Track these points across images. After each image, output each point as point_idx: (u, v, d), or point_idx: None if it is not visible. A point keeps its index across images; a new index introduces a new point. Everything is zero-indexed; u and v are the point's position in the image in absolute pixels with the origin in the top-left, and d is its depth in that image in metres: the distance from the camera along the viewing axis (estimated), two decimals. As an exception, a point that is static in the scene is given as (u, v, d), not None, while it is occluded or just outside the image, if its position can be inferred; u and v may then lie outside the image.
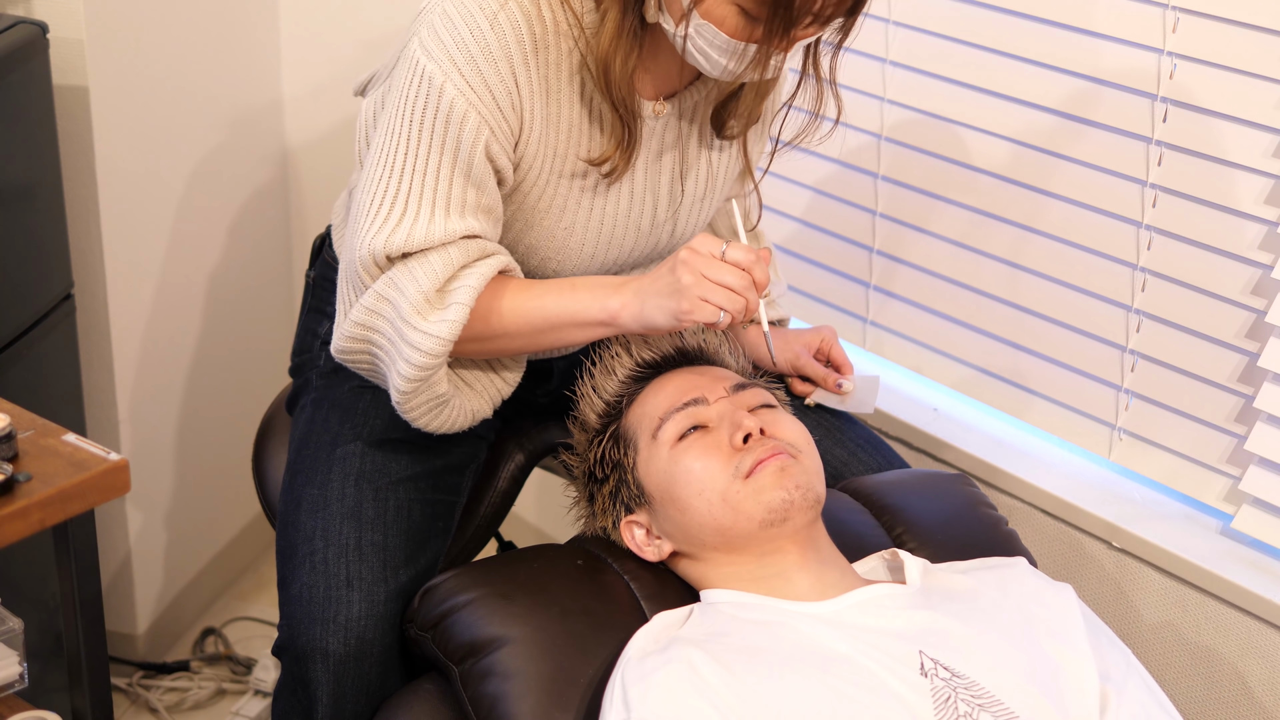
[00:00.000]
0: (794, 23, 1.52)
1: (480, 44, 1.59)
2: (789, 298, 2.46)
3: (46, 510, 1.51)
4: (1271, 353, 1.91)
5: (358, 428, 1.82)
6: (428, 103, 1.60)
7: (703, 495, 1.59)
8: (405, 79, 1.61)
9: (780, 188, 2.43)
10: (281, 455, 1.96)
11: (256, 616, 2.79)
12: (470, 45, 1.59)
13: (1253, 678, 1.99)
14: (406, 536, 1.76)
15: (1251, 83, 1.88)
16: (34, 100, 2.16)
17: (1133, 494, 2.14)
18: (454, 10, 1.59)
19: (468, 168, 1.62)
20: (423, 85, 1.60)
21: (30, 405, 1.66)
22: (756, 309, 1.60)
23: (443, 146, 1.61)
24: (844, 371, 1.97)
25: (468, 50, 1.59)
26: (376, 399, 1.84)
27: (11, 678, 1.67)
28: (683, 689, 1.45)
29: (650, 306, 1.61)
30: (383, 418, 1.82)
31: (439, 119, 1.60)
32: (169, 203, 2.53)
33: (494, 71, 1.60)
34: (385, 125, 1.64)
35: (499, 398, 1.78)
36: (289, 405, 1.97)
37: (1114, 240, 2.06)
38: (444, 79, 1.59)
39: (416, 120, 1.61)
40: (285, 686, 1.75)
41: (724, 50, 1.57)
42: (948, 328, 2.29)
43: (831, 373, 1.96)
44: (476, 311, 1.63)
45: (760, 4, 1.51)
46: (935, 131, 2.21)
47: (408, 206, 1.62)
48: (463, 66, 1.59)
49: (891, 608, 1.56)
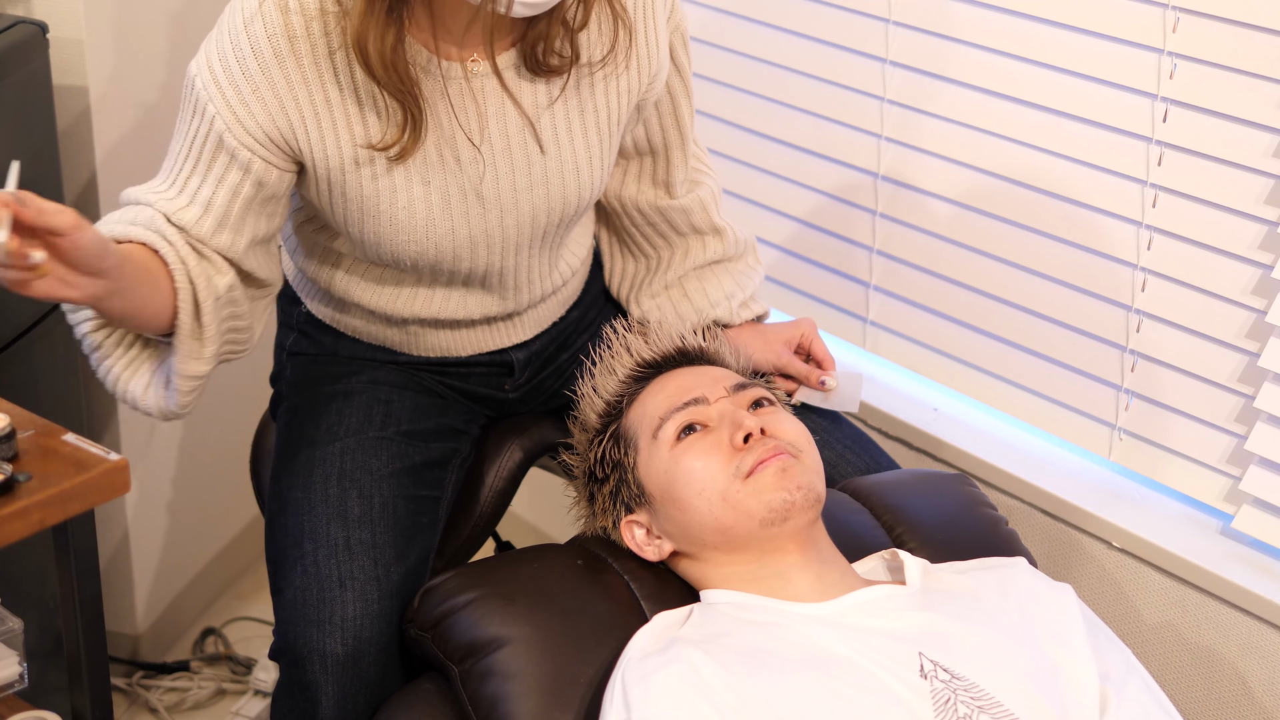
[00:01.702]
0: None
1: (233, 42, 1.63)
2: (788, 296, 2.46)
3: (46, 510, 1.51)
4: (1272, 352, 1.91)
5: (333, 429, 1.83)
6: (186, 96, 1.67)
7: (703, 495, 1.59)
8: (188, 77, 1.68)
9: (780, 188, 2.43)
10: (281, 456, 1.97)
11: (256, 616, 2.79)
12: (224, 43, 1.63)
13: (1253, 678, 1.99)
14: (394, 533, 1.76)
15: (1251, 83, 1.88)
16: (34, 100, 2.16)
17: (1133, 494, 2.14)
18: (226, 14, 1.65)
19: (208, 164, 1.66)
20: (187, 78, 1.67)
21: (30, 405, 1.66)
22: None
23: (192, 135, 1.67)
24: (826, 367, 1.96)
25: (222, 47, 1.63)
26: (348, 401, 1.86)
27: (11, 678, 1.67)
28: (683, 689, 1.45)
29: None
30: (356, 418, 1.83)
31: (193, 114, 1.66)
32: (169, 203, 2.53)
33: (240, 69, 1.62)
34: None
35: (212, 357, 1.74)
36: (273, 410, 1.99)
37: (1114, 240, 2.06)
38: (196, 73, 1.65)
39: (182, 111, 1.68)
40: (284, 690, 1.75)
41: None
42: (948, 328, 2.29)
43: (815, 370, 1.95)
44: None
45: None
46: (935, 132, 2.21)
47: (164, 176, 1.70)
48: (214, 63, 1.64)
49: (891, 609, 1.56)
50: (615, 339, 1.76)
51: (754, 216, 2.46)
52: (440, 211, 1.73)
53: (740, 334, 1.98)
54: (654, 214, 1.96)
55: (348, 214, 1.73)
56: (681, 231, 1.98)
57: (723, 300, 1.98)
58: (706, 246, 1.99)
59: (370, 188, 1.70)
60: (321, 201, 1.73)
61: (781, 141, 2.40)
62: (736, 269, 2.01)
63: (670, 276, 1.99)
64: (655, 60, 1.78)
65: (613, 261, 2.03)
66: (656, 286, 2.00)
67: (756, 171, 2.45)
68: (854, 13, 2.25)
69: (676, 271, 1.99)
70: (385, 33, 1.59)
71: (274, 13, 1.61)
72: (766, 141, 2.42)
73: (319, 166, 1.68)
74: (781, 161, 2.42)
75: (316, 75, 1.64)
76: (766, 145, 2.42)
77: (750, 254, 2.04)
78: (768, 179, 2.44)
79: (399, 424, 1.85)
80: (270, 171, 1.68)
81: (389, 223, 1.72)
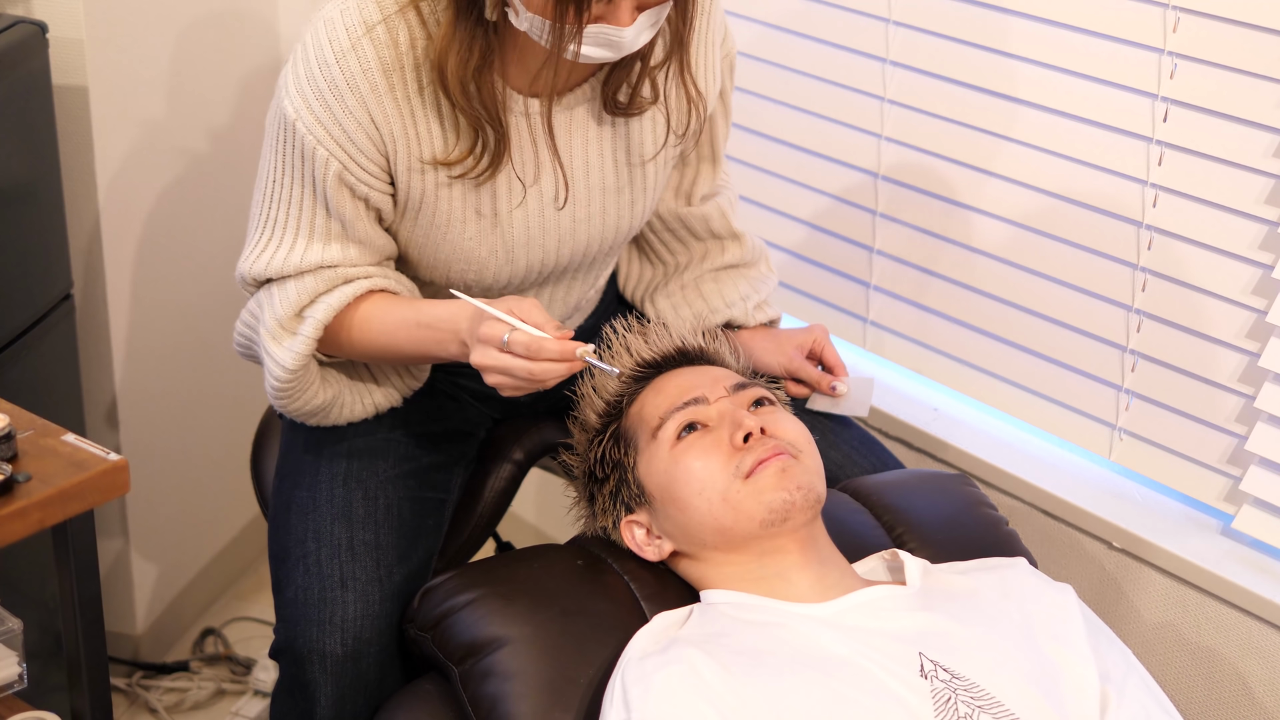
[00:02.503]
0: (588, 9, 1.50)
1: (328, 80, 1.62)
2: (788, 297, 2.46)
3: (46, 510, 1.51)
4: (1272, 352, 1.91)
5: (341, 429, 1.82)
6: (287, 138, 1.66)
7: (703, 495, 1.59)
8: (273, 112, 1.67)
9: (780, 188, 2.43)
10: (280, 456, 1.97)
11: (256, 616, 2.79)
12: (319, 81, 1.62)
13: (1253, 678, 1.99)
14: (398, 535, 1.76)
15: (1251, 83, 1.88)
16: (34, 100, 2.16)
17: (1133, 494, 2.14)
18: (310, 43, 1.63)
19: (325, 200, 1.67)
20: (282, 121, 1.65)
21: (30, 405, 1.66)
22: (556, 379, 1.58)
23: (301, 179, 1.67)
24: (837, 373, 1.96)
25: (317, 86, 1.63)
26: None
27: (11, 678, 1.67)
28: (683, 690, 1.45)
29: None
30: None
31: (296, 153, 1.66)
32: (169, 203, 2.52)
33: (341, 105, 1.62)
34: (264, 153, 1.70)
35: (408, 391, 1.84)
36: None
37: (1114, 240, 2.06)
38: (295, 116, 1.64)
39: (280, 153, 1.67)
40: (284, 689, 1.75)
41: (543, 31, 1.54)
42: (948, 328, 2.29)
43: (826, 376, 1.96)
44: (327, 338, 1.71)
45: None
46: (935, 132, 2.21)
47: (273, 234, 1.70)
48: (311, 102, 1.63)
49: (891, 609, 1.56)
50: (615, 339, 1.76)
51: (754, 216, 2.46)
52: (506, 243, 1.74)
53: (753, 338, 1.99)
54: (674, 220, 1.97)
55: (413, 236, 1.74)
56: (700, 237, 1.99)
57: (738, 302, 1.99)
58: (725, 251, 1.99)
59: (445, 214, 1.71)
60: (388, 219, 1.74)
61: (782, 141, 2.40)
62: (751, 274, 2.02)
63: (686, 278, 2.00)
64: (710, 98, 1.82)
65: (629, 266, 2.04)
66: (672, 287, 2.00)
67: (757, 171, 2.44)
68: (854, 13, 2.24)
69: (693, 274, 2.00)
70: (469, 54, 1.60)
71: (367, 45, 1.61)
72: (766, 141, 2.42)
73: (400, 189, 1.70)
74: (781, 161, 2.41)
75: (409, 106, 1.64)
76: (766, 145, 2.42)
77: (764, 261, 2.05)
78: (768, 179, 2.44)
79: (407, 425, 1.85)
80: (386, 200, 1.70)
81: (452, 249, 1.74)
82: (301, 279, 1.70)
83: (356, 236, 1.70)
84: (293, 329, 1.72)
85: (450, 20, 1.59)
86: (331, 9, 1.63)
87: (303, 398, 1.76)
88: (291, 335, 1.72)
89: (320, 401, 1.77)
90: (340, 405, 1.80)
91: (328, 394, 1.77)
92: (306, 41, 1.64)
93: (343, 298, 1.70)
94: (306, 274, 1.70)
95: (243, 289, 1.77)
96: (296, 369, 1.72)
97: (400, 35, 1.62)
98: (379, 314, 1.71)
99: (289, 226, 1.70)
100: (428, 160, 1.67)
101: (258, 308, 1.75)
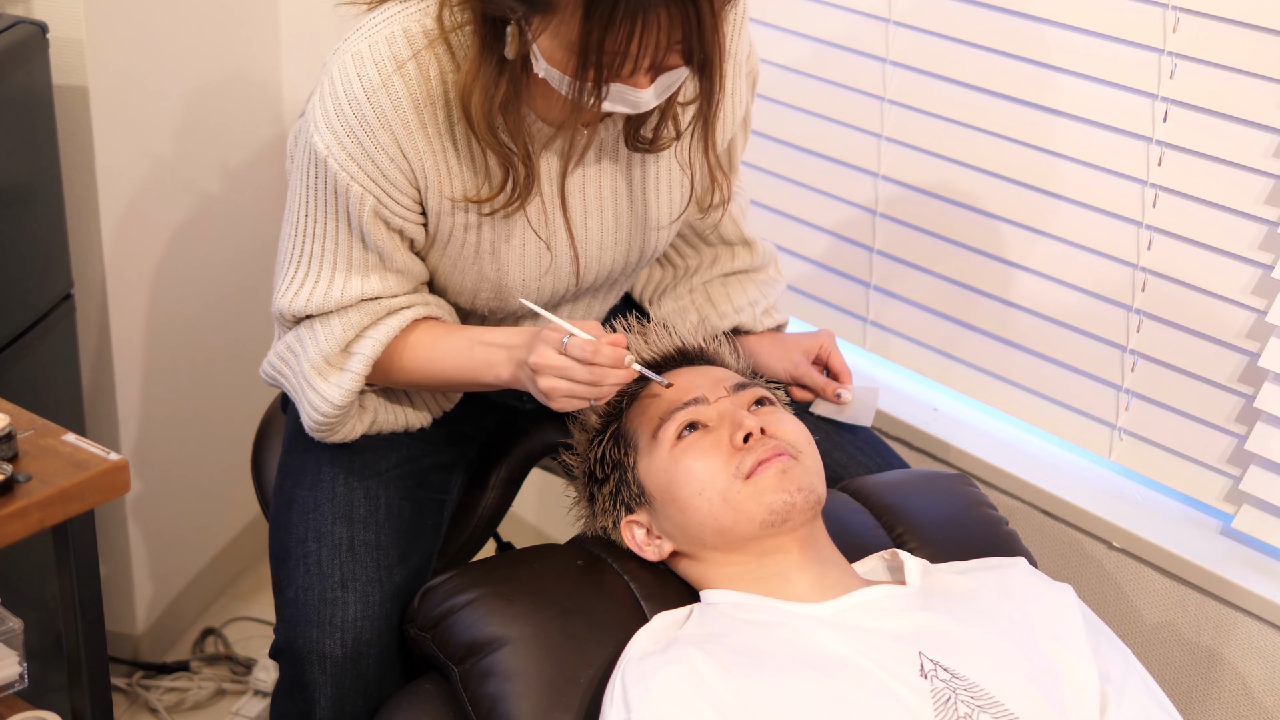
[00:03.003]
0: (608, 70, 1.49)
1: (359, 117, 1.60)
2: (788, 297, 2.46)
3: (46, 510, 1.51)
4: (1272, 352, 1.91)
5: None
6: (318, 174, 1.64)
7: (703, 495, 1.59)
8: (303, 147, 1.65)
9: (781, 188, 2.43)
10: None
11: (256, 616, 2.79)
12: (349, 118, 1.61)
13: (1253, 678, 1.99)
14: (399, 535, 1.76)
15: (1251, 83, 1.88)
16: (34, 100, 2.16)
17: (1133, 494, 2.14)
18: (338, 78, 1.61)
19: (361, 235, 1.66)
20: (313, 157, 1.64)
21: (30, 405, 1.66)
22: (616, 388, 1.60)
23: (336, 215, 1.66)
24: (843, 380, 1.96)
25: (348, 123, 1.61)
26: None
27: (11, 678, 1.67)
28: (683, 689, 1.45)
29: (532, 390, 1.63)
30: None
31: (328, 189, 1.64)
32: (169, 203, 2.53)
33: (373, 142, 1.61)
34: (292, 185, 1.69)
35: (439, 411, 1.84)
36: (285, 405, 1.98)
37: (1114, 240, 2.06)
38: (327, 153, 1.62)
39: (312, 188, 1.66)
40: (283, 689, 1.75)
41: (563, 86, 1.54)
42: (948, 328, 2.29)
43: (831, 382, 1.95)
44: (377, 370, 1.71)
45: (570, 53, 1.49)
46: (935, 131, 2.21)
47: (310, 269, 1.69)
48: (343, 139, 1.61)
49: (891, 609, 1.56)
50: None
51: (754, 216, 2.46)
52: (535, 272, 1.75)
53: (760, 342, 1.99)
54: (684, 226, 1.97)
55: (440, 264, 1.74)
56: (710, 242, 1.99)
57: (746, 306, 1.99)
58: (735, 256, 1.99)
59: (472, 245, 1.71)
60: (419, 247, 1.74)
61: (781, 141, 2.40)
62: (760, 279, 2.02)
63: (695, 281, 2.00)
64: (733, 122, 1.83)
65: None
66: (680, 290, 2.00)
67: (757, 171, 2.44)
68: (854, 13, 2.24)
69: (702, 278, 2.00)
70: (493, 90, 1.58)
71: (398, 82, 1.60)
72: (766, 141, 2.42)
73: (430, 221, 1.70)
74: (781, 161, 2.41)
75: (440, 142, 1.63)
76: (766, 145, 2.42)
77: (773, 265, 2.05)
78: (768, 179, 2.44)
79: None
80: (419, 231, 1.69)
81: (479, 278, 1.74)
82: (345, 314, 1.69)
83: (395, 266, 1.69)
84: (340, 365, 1.70)
85: (475, 56, 1.58)
86: (359, 43, 1.61)
87: (344, 428, 1.76)
88: (339, 371, 1.70)
89: (362, 429, 1.77)
90: (374, 425, 1.79)
91: (365, 419, 1.77)
92: (334, 75, 1.61)
93: (390, 331, 1.69)
94: (350, 308, 1.69)
95: (279, 324, 1.74)
96: (345, 405, 1.71)
97: (431, 70, 1.61)
98: (429, 341, 1.70)
99: (325, 261, 1.68)
100: (458, 197, 1.66)
101: (296, 343, 1.72)
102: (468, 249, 1.71)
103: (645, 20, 1.45)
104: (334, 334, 1.69)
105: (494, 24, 1.55)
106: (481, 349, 1.68)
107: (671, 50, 1.49)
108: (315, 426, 1.74)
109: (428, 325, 1.72)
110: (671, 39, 1.48)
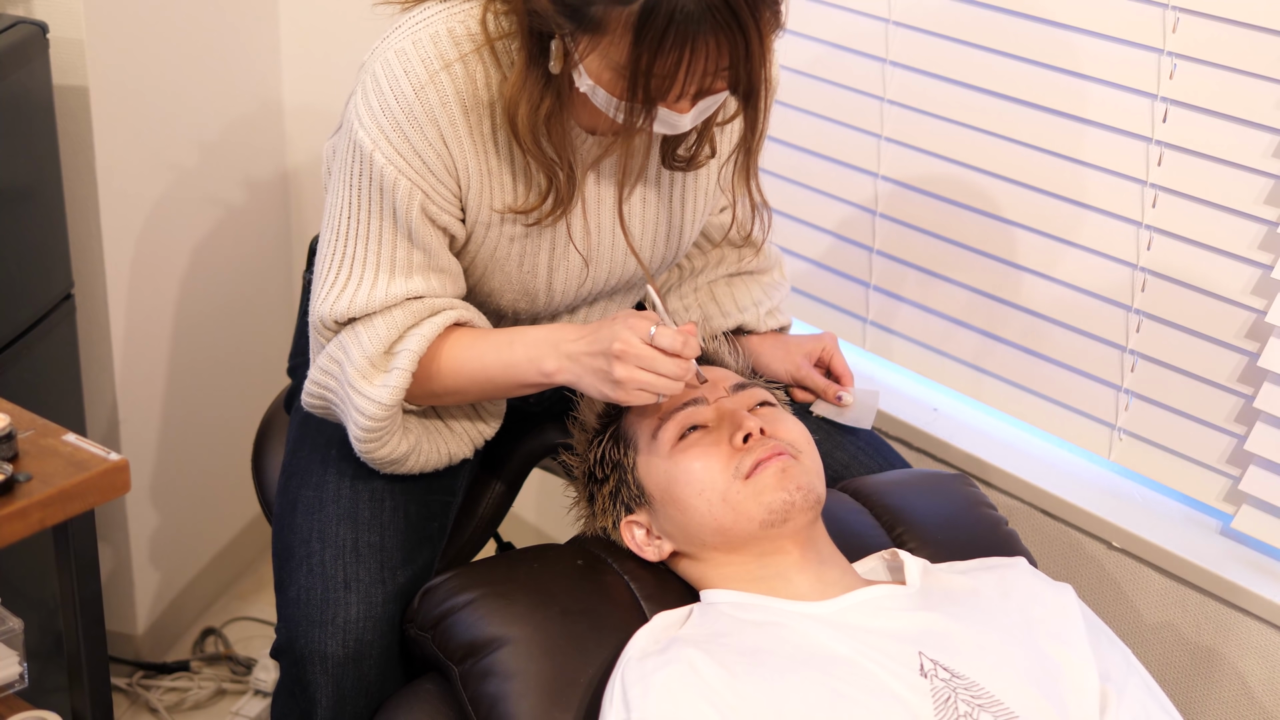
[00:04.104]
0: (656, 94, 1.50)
1: (406, 111, 1.60)
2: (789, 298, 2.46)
3: (46, 510, 1.51)
4: (1271, 352, 1.91)
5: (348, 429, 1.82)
6: (363, 170, 1.63)
7: (703, 495, 1.59)
8: (345, 145, 1.65)
9: (781, 188, 2.43)
10: (281, 455, 1.96)
11: (256, 616, 2.79)
12: (396, 113, 1.60)
13: (1253, 678, 1.99)
14: (403, 537, 1.76)
15: (1251, 83, 1.88)
16: (34, 100, 2.16)
17: (1133, 494, 2.14)
18: (382, 74, 1.61)
19: (408, 231, 1.65)
20: (357, 153, 1.63)
21: (30, 405, 1.66)
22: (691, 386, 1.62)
23: (381, 212, 1.64)
24: (844, 383, 1.96)
25: (394, 117, 1.60)
26: None
27: (11, 678, 1.67)
28: (683, 689, 1.45)
29: (586, 382, 1.62)
30: None
31: (374, 186, 1.63)
32: (169, 203, 2.53)
33: (421, 137, 1.61)
34: (332, 188, 1.68)
35: (480, 440, 1.82)
36: (287, 405, 1.98)
37: (1114, 240, 2.06)
38: (373, 148, 1.61)
39: (355, 187, 1.64)
40: (284, 689, 1.75)
41: (610, 106, 1.55)
42: (948, 328, 2.29)
43: (832, 384, 1.95)
44: (419, 372, 1.68)
45: (618, 75, 1.50)
46: (935, 131, 2.21)
47: (353, 271, 1.67)
48: (390, 134, 1.61)
49: (891, 608, 1.56)
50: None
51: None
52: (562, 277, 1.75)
53: (762, 343, 1.99)
54: None
55: (472, 266, 1.74)
56: (716, 243, 1.99)
57: (750, 306, 1.99)
58: (741, 256, 2.00)
59: (505, 248, 1.71)
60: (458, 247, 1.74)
61: (781, 141, 2.40)
62: (764, 280, 2.02)
63: (700, 281, 2.00)
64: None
65: None
66: (685, 289, 2.00)
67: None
68: (854, 13, 2.25)
69: (706, 278, 2.00)
70: (539, 102, 1.59)
71: (445, 79, 1.60)
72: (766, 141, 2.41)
73: (467, 221, 1.69)
74: (781, 162, 2.42)
75: (484, 145, 1.64)
76: (766, 145, 2.41)
77: (778, 267, 2.05)
78: (767, 179, 2.44)
79: None
80: (461, 229, 1.69)
81: (506, 280, 1.74)
82: (390, 314, 1.67)
83: (439, 266, 1.68)
84: (384, 365, 1.67)
85: (523, 65, 1.58)
86: (402, 39, 1.61)
87: (390, 442, 1.72)
88: (384, 372, 1.67)
89: (404, 449, 1.73)
90: (419, 454, 1.76)
91: (410, 440, 1.75)
92: (378, 73, 1.61)
93: (434, 328, 1.67)
94: (394, 308, 1.67)
95: (318, 334, 1.72)
96: (393, 404, 1.67)
97: (478, 75, 1.61)
98: (468, 340, 1.69)
99: (368, 262, 1.66)
100: (497, 205, 1.67)
101: (339, 350, 1.70)
102: (500, 252, 1.71)
103: (694, 47, 1.46)
104: (378, 334, 1.67)
105: (540, 38, 1.56)
106: (523, 345, 1.66)
107: (718, 77, 1.50)
108: (363, 436, 1.70)
109: (465, 329, 1.71)
110: (719, 66, 1.49)
